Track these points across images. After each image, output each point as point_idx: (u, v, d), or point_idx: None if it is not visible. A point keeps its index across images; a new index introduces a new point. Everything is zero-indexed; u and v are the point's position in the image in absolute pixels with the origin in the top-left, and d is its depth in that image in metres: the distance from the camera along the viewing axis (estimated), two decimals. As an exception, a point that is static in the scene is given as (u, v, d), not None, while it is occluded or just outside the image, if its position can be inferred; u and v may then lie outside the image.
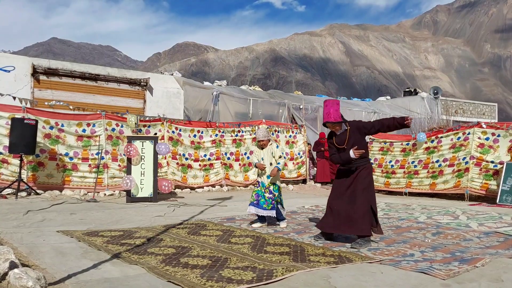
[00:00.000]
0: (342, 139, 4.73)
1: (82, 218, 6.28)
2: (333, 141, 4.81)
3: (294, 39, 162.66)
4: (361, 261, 3.97)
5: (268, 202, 5.73)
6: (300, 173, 13.34)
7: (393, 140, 11.72)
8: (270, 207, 5.71)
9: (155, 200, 8.54)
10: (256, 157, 6.03)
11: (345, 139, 4.70)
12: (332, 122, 4.69)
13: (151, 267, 3.58)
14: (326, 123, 4.76)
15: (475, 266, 3.79)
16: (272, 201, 5.73)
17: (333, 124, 4.74)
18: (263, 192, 5.79)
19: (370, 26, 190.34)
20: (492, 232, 5.60)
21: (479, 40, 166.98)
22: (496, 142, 9.72)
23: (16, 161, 8.76)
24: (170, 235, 5.00)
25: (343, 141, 4.72)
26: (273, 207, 5.73)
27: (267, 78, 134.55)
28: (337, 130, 4.80)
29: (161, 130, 10.77)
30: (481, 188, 9.64)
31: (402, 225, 6.14)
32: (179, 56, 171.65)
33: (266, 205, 5.71)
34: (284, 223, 5.85)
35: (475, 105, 23.90)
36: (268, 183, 5.77)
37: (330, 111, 4.67)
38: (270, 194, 5.75)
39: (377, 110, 18.71)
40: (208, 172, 11.45)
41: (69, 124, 9.62)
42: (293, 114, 16.27)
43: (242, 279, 3.28)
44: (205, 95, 14.91)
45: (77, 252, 4.10)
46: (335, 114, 4.66)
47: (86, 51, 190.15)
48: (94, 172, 9.52)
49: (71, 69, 12.90)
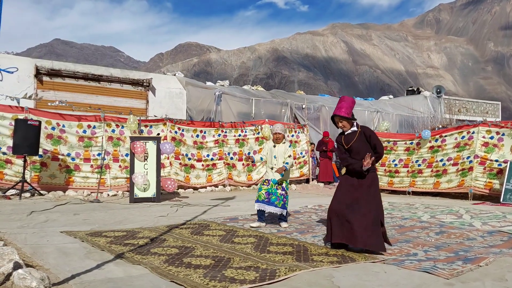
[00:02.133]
0: (349, 140, 4.57)
1: (85, 219, 6.30)
2: (342, 141, 4.62)
3: (296, 39, 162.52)
4: (365, 260, 3.96)
5: (280, 198, 5.73)
6: (302, 173, 13.32)
7: (397, 139, 11.69)
8: (281, 204, 5.71)
9: (158, 201, 8.55)
10: (265, 155, 5.97)
11: (351, 141, 4.54)
12: (341, 116, 4.50)
13: (154, 267, 3.58)
14: (335, 116, 4.57)
15: (479, 265, 3.77)
16: (283, 198, 5.74)
17: (341, 119, 4.54)
18: (275, 189, 5.76)
19: (372, 25, 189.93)
20: (496, 231, 5.58)
21: (482, 39, 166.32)
22: (500, 140, 9.68)
23: (20, 161, 8.80)
24: (173, 235, 5.01)
25: (349, 142, 4.56)
26: (283, 205, 5.74)
27: (270, 78, 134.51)
28: (344, 128, 4.60)
29: (164, 131, 10.78)
30: (485, 187, 9.60)
31: (406, 224, 6.13)
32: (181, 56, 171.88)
33: (278, 202, 5.71)
34: (286, 223, 5.84)
35: (478, 103, 23.81)
36: (280, 180, 5.79)
37: (343, 106, 4.52)
38: (282, 190, 5.76)
39: (380, 109, 18.66)
40: (211, 172, 11.45)
41: (70, 125, 9.66)
42: (296, 114, 16.27)
43: (245, 279, 3.27)
44: (208, 95, 14.92)
45: (81, 253, 4.11)
46: (347, 110, 4.51)
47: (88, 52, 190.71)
48: (97, 173, 9.55)
49: (74, 70, 12.94)
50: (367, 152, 4.40)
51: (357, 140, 4.52)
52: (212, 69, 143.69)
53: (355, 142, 4.52)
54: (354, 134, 4.57)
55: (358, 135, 4.54)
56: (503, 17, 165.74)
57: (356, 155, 4.50)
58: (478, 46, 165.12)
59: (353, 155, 4.53)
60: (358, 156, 4.47)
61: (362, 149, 4.47)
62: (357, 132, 4.56)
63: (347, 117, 4.51)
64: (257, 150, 12.10)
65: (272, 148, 5.91)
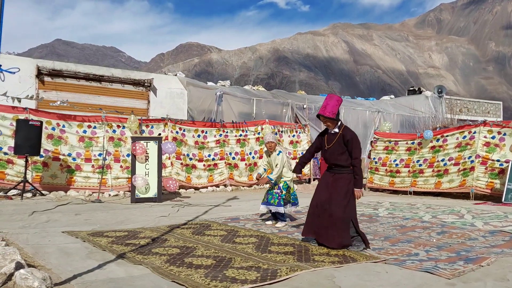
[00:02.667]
0: (330, 140, 4.59)
1: (87, 219, 6.31)
2: (325, 139, 4.65)
3: (297, 39, 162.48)
4: (366, 260, 3.96)
5: (275, 197, 5.76)
6: (304, 173, 13.32)
7: (398, 139, 11.67)
8: (276, 202, 5.74)
9: (159, 201, 8.56)
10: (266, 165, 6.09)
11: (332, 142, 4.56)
12: (325, 116, 4.50)
13: (155, 267, 3.59)
14: (319, 116, 4.57)
15: (481, 265, 3.77)
16: (278, 196, 5.77)
17: (325, 119, 4.54)
18: (272, 189, 5.88)
19: (373, 25, 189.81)
20: (497, 231, 5.57)
21: (484, 39, 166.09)
22: (502, 140, 9.67)
23: (21, 161, 8.81)
24: (175, 235, 5.01)
25: (330, 142, 4.58)
26: (279, 203, 5.75)
27: (271, 78, 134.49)
28: (329, 127, 4.61)
29: (165, 131, 10.79)
30: (487, 187, 9.59)
31: (407, 224, 6.12)
32: (182, 56, 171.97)
33: (273, 200, 5.76)
34: (282, 223, 5.86)
35: (479, 103, 23.79)
36: (279, 180, 5.87)
37: (328, 105, 4.51)
38: (278, 189, 5.82)
39: (381, 109, 18.65)
40: (212, 172, 11.46)
41: (70, 125, 9.68)
42: (297, 114, 16.27)
43: (246, 279, 3.28)
44: (209, 95, 14.93)
45: (82, 253, 4.12)
46: (331, 109, 4.48)
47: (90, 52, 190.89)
48: (98, 173, 9.56)
49: (76, 70, 12.96)
50: (341, 155, 4.50)
51: (336, 143, 4.55)
52: (213, 69, 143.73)
53: (334, 144, 4.56)
54: (335, 135, 4.59)
55: (337, 137, 4.55)
56: (504, 17, 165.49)
57: (330, 155, 4.59)
58: (479, 46, 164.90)
59: (328, 154, 4.62)
60: (332, 156, 4.56)
61: (337, 151, 4.54)
62: (337, 134, 4.56)
63: (331, 117, 4.51)
64: (257, 150, 12.13)
65: (269, 158, 6.01)
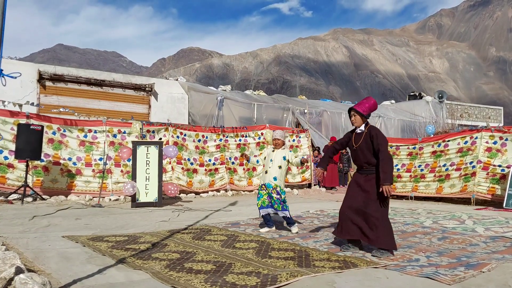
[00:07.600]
0: (357, 140, 4.76)
1: (87, 223, 6.30)
2: (352, 139, 4.81)
3: (298, 44, 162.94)
4: (366, 266, 3.95)
5: (278, 203, 5.74)
6: (304, 178, 13.30)
7: (400, 143, 11.67)
8: (281, 207, 5.73)
9: (160, 205, 8.56)
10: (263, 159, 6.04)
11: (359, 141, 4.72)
12: (356, 110, 4.70)
13: (155, 272, 3.58)
14: (351, 109, 4.77)
15: (482, 271, 3.75)
16: (281, 201, 5.75)
17: (355, 114, 4.73)
18: (271, 193, 5.79)
19: (374, 31, 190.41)
20: (498, 237, 5.55)
21: (484, 44, 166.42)
22: (504, 146, 9.66)
23: (22, 165, 8.82)
24: (175, 240, 5.00)
25: (357, 142, 4.76)
26: (283, 207, 5.74)
27: (271, 83, 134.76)
28: (355, 123, 4.77)
29: (166, 135, 10.80)
30: (488, 192, 9.57)
31: (408, 229, 6.10)
32: (183, 61, 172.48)
33: (277, 206, 5.74)
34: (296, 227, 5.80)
35: (480, 108, 23.78)
36: (274, 184, 5.78)
37: (363, 103, 4.75)
38: (277, 195, 5.77)
39: (381, 114, 18.66)
40: (213, 177, 11.46)
41: (71, 130, 9.70)
42: (298, 119, 16.28)
43: (246, 284, 3.26)
44: (210, 100, 14.96)
45: (82, 257, 4.11)
46: (364, 107, 4.70)
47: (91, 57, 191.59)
48: (98, 177, 9.56)
49: (77, 75, 13.01)
50: (369, 153, 4.62)
51: (363, 141, 4.72)
52: (214, 74, 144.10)
53: (361, 143, 4.72)
54: (362, 134, 4.76)
55: (364, 135, 4.72)
56: (505, 22, 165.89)
57: (359, 154, 4.73)
58: (480, 51, 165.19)
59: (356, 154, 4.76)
60: (361, 155, 4.70)
61: (365, 150, 4.69)
62: (364, 133, 4.74)
63: (361, 113, 4.70)
64: (257, 154, 12.13)
65: (271, 153, 5.97)
